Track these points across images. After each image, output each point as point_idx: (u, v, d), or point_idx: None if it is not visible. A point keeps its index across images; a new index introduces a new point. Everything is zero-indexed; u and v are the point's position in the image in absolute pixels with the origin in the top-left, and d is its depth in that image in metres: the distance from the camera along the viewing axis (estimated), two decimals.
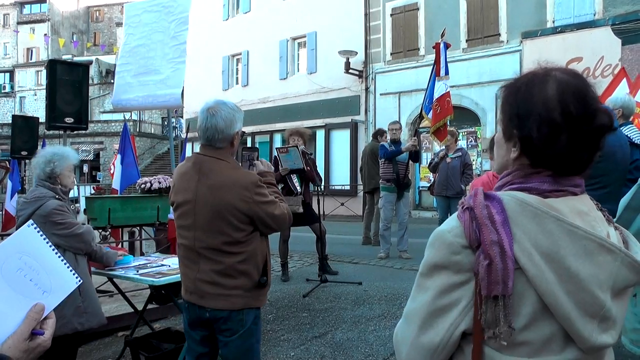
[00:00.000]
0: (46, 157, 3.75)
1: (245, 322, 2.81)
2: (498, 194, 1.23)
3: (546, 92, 1.20)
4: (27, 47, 51.30)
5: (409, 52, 18.23)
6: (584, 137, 1.18)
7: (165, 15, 6.41)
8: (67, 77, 6.47)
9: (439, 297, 1.22)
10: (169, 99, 6.27)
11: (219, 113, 2.77)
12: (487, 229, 1.16)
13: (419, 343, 1.24)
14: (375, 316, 5.49)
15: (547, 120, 1.18)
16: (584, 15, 14.56)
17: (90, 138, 35.95)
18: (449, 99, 8.05)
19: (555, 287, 1.12)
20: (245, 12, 24.08)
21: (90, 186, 22.30)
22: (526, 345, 1.17)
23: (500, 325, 1.14)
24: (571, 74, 1.24)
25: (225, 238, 2.73)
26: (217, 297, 2.77)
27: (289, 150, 6.87)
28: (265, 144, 22.06)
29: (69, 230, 3.67)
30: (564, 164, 1.21)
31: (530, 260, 1.13)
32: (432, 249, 1.26)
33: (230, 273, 2.75)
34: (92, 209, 6.11)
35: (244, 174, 2.82)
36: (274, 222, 2.82)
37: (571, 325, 1.13)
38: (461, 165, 8.91)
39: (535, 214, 1.16)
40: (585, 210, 1.22)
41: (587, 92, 1.21)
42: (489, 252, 1.14)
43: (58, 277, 1.27)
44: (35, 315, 1.20)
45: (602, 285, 1.14)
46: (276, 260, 7.85)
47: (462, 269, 1.20)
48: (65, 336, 3.56)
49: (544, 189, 1.21)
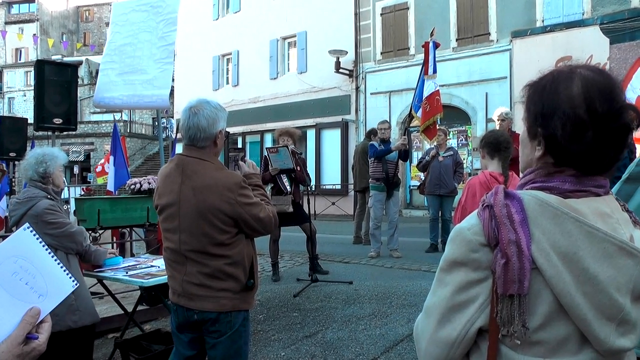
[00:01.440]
0: (38, 158, 3.77)
1: (233, 324, 2.79)
2: (518, 193, 1.22)
3: (571, 89, 1.19)
4: (15, 47, 50.92)
5: (399, 52, 18.27)
6: (610, 134, 1.17)
7: (154, 15, 6.37)
8: (56, 78, 6.41)
9: (457, 293, 1.23)
10: (156, 99, 6.24)
11: (202, 112, 2.75)
12: (505, 228, 1.16)
13: (437, 337, 1.26)
14: (366, 315, 5.49)
15: (573, 117, 1.17)
16: (573, 14, 14.67)
17: (81, 139, 35.73)
18: (438, 97, 8.06)
19: (571, 288, 1.12)
20: (235, 12, 24.04)
21: (80, 187, 22.14)
22: (541, 344, 1.18)
23: (515, 324, 1.15)
24: (596, 71, 1.23)
25: (210, 240, 2.70)
26: (205, 299, 2.75)
27: (279, 150, 6.88)
28: (256, 144, 22.05)
29: (62, 229, 3.69)
30: (588, 162, 1.20)
31: (547, 260, 1.13)
32: (452, 245, 1.27)
33: (218, 275, 2.73)
34: (82, 210, 6.07)
35: (228, 174, 2.79)
36: (259, 224, 2.79)
37: (587, 326, 1.13)
38: (453, 163, 8.95)
39: (555, 215, 1.16)
40: (608, 212, 1.21)
41: (613, 89, 1.20)
42: (506, 251, 1.14)
43: (54, 281, 1.27)
44: (31, 319, 1.19)
45: (620, 289, 1.14)
46: (267, 260, 7.85)
47: (480, 266, 1.21)
48: (73, 332, 3.66)
49: (565, 188, 1.20)
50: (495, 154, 3.87)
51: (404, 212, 17.31)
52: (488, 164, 3.90)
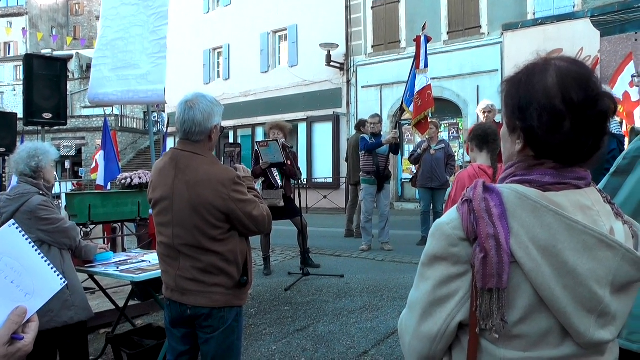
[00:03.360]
0: (30, 152, 3.75)
1: (226, 319, 2.79)
2: (498, 187, 1.23)
3: (546, 80, 1.20)
4: (4, 41, 50.45)
5: (390, 45, 18.25)
6: (587, 122, 1.17)
7: (144, 9, 6.32)
8: (45, 72, 6.37)
9: (438, 288, 1.24)
10: (151, 95, 6.20)
11: (197, 106, 2.73)
12: (484, 222, 1.16)
13: (420, 332, 1.27)
14: (357, 308, 5.51)
15: (549, 108, 1.18)
16: (564, 7, 14.70)
17: (72, 133, 35.50)
18: (429, 91, 8.08)
19: (551, 281, 1.12)
20: (226, 5, 23.94)
21: (70, 182, 21.99)
22: (522, 338, 1.18)
23: (494, 318, 1.16)
24: (571, 61, 1.24)
25: (203, 235, 2.70)
26: (198, 294, 2.75)
27: (269, 144, 6.87)
28: (248, 138, 21.98)
29: (55, 225, 3.69)
30: (568, 153, 1.20)
31: (526, 254, 1.14)
32: (432, 240, 1.27)
33: (211, 270, 2.73)
34: (72, 206, 6.04)
35: (222, 169, 2.78)
36: (252, 222, 2.78)
37: (567, 319, 1.14)
38: (445, 156, 8.96)
39: (534, 208, 1.16)
40: (588, 204, 1.21)
41: (589, 78, 1.20)
42: (484, 245, 1.15)
43: (41, 279, 1.22)
44: (17, 318, 1.15)
45: (600, 281, 1.14)
46: (258, 255, 7.84)
47: (460, 260, 1.21)
48: (69, 328, 3.69)
49: (545, 181, 1.21)
50: (484, 147, 3.88)
51: (395, 205, 17.34)
52: (477, 156, 3.91)
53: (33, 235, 3.59)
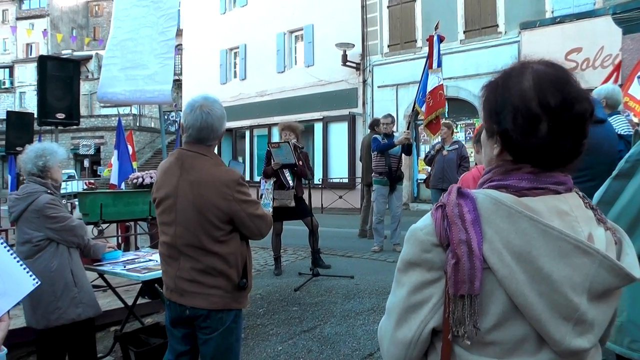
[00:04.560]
0: (37, 152, 3.82)
1: (224, 320, 2.80)
2: (473, 192, 1.21)
3: (522, 83, 1.19)
4: (26, 42, 51.24)
5: (406, 44, 18.17)
6: (564, 125, 1.16)
7: (154, 10, 6.39)
8: (58, 73, 6.47)
9: (412, 294, 1.23)
10: (157, 95, 6.26)
11: (214, 112, 2.76)
12: (456, 227, 1.15)
13: (396, 338, 1.26)
14: (365, 310, 5.49)
15: (524, 110, 1.16)
16: (584, 4, 14.46)
17: (91, 133, 35.99)
18: (441, 91, 8.00)
19: (525, 288, 1.10)
20: (242, 6, 24.02)
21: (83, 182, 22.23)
22: (496, 345, 1.16)
23: (466, 325, 1.14)
24: (548, 64, 1.23)
25: (204, 236, 2.71)
26: (196, 296, 2.76)
27: (281, 146, 6.90)
28: (263, 138, 22.07)
29: (62, 223, 3.74)
30: (545, 157, 1.19)
31: (500, 260, 1.12)
32: (406, 245, 1.26)
33: (210, 272, 2.74)
34: (84, 205, 6.12)
35: (226, 171, 2.80)
36: (254, 223, 2.79)
37: (542, 327, 1.12)
38: (458, 157, 8.87)
39: (509, 213, 1.14)
40: (566, 209, 1.19)
41: (567, 80, 1.19)
42: (456, 251, 1.14)
43: (12, 280, 1.24)
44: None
45: (576, 288, 1.12)
46: (269, 254, 7.88)
47: (434, 267, 1.20)
48: (77, 325, 3.76)
49: (522, 186, 1.19)
50: None
51: (410, 205, 17.27)
52: (482, 159, 3.86)
53: (42, 233, 3.65)
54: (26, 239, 3.67)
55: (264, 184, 7.08)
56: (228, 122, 9.31)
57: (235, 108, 23.32)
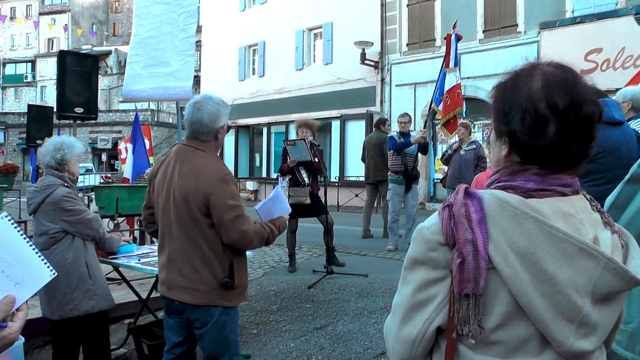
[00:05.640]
0: (55, 145, 3.88)
1: (212, 313, 2.84)
2: (479, 192, 1.22)
3: (531, 85, 1.20)
4: (48, 37, 51.90)
5: (425, 43, 18.08)
6: (572, 128, 1.16)
7: (174, 7, 6.42)
8: (77, 68, 6.53)
9: (417, 292, 1.24)
10: (179, 91, 6.29)
11: (205, 108, 2.83)
12: (462, 227, 1.16)
13: (400, 336, 1.27)
14: (378, 309, 5.49)
15: (532, 112, 1.17)
16: (605, 4, 14.22)
17: (109, 127, 36.35)
18: (459, 90, 7.96)
19: (529, 289, 1.11)
20: (261, 3, 24.06)
21: (99, 175, 22.46)
22: (500, 344, 1.17)
23: (470, 324, 1.15)
24: (558, 66, 1.23)
25: (190, 224, 2.79)
26: (183, 290, 2.83)
27: (297, 143, 6.93)
28: (281, 135, 22.10)
29: (78, 216, 3.79)
30: (552, 158, 1.19)
31: (504, 260, 1.12)
32: (413, 244, 1.27)
33: (195, 264, 2.79)
34: (100, 198, 6.18)
35: (214, 165, 2.86)
36: (224, 227, 2.76)
37: (545, 327, 1.12)
38: (475, 157, 8.79)
39: (514, 214, 1.14)
40: (572, 212, 1.19)
41: (575, 82, 1.19)
42: (462, 250, 1.14)
43: (31, 270, 1.25)
44: (4, 307, 1.18)
45: (579, 290, 1.12)
46: (284, 251, 7.89)
47: (439, 265, 1.20)
48: (91, 317, 3.81)
49: (528, 187, 1.19)
50: None
51: (427, 205, 17.20)
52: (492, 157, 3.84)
53: (58, 226, 3.70)
54: (43, 231, 3.73)
55: (281, 182, 7.12)
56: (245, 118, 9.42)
57: (253, 105, 23.35)
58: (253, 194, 23.05)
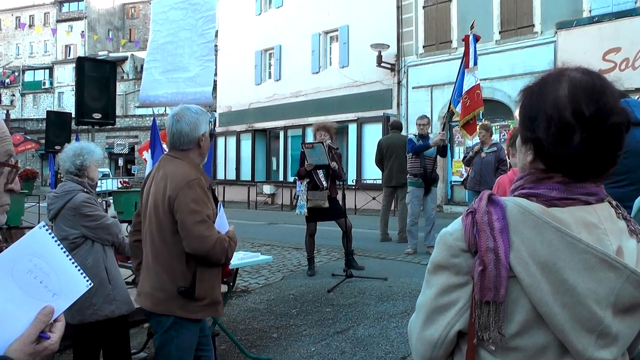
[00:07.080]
0: (75, 151, 3.91)
1: (163, 324, 2.83)
2: (503, 200, 1.21)
3: (557, 92, 1.18)
4: (65, 44, 52.58)
5: (442, 45, 17.99)
6: (598, 137, 1.14)
7: (192, 12, 6.44)
8: (95, 74, 6.59)
9: (439, 296, 1.25)
10: (199, 97, 6.30)
11: (184, 118, 2.91)
12: (484, 235, 1.16)
13: (423, 336, 1.28)
14: (398, 312, 5.45)
15: (557, 120, 1.15)
16: (624, 3, 14.04)
17: (125, 132, 36.65)
18: (478, 91, 7.89)
19: (549, 298, 1.11)
20: (277, 7, 24.11)
21: (117, 180, 22.68)
22: (519, 351, 1.18)
23: (491, 330, 1.16)
24: (586, 72, 1.21)
25: (157, 233, 2.84)
26: (146, 296, 2.88)
27: (315, 146, 6.92)
28: (298, 138, 22.08)
29: (98, 222, 3.81)
30: (578, 167, 1.17)
31: (525, 269, 1.13)
32: (436, 248, 1.28)
33: (158, 271, 2.83)
34: (119, 203, 6.22)
35: (184, 170, 2.87)
36: (185, 230, 2.74)
37: (565, 336, 1.12)
38: (495, 160, 8.67)
39: (536, 223, 1.14)
40: (595, 221, 1.17)
41: (603, 91, 1.17)
42: (483, 258, 1.15)
43: (68, 280, 1.25)
44: (44, 317, 1.18)
45: (600, 301, 1.12)
46: (303, 255, 7.87)
47: (461, 271, 1.22)
48: (111, 322, 3.81)
49: (552, 196, 1.18)
50: None
51: (444, 207, 17.10)
52: (517, 162, 3.79)
53: (78, 231, 3.72)
54: (63, 236, 3.73)
55: (299, 185, 7.10)
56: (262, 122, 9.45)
57: (270, 108, 23.39)
58: (270, 197, 23.05)
